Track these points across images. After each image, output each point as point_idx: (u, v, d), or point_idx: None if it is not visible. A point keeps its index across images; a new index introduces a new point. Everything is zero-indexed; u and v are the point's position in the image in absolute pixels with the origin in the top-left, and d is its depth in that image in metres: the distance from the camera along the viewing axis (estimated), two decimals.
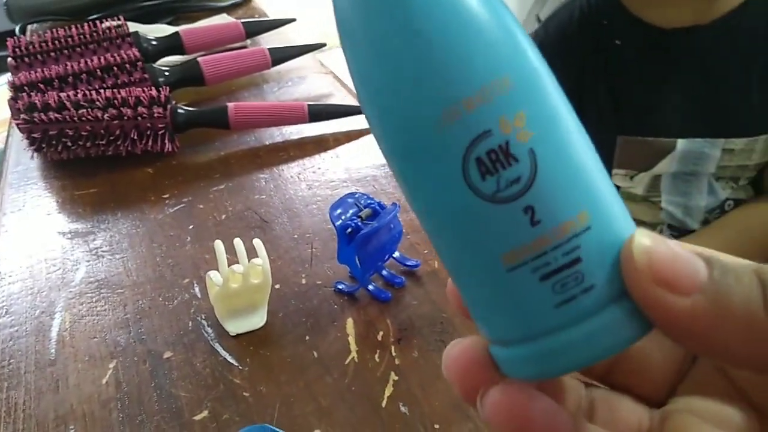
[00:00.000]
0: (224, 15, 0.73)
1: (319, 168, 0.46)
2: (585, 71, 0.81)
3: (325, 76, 0.59)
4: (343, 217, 0.32)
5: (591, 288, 0.13)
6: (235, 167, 0.47)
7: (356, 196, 0.33)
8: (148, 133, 0.46)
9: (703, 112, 0.79)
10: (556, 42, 0.84)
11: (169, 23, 0.75)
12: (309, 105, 0.48)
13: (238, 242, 0.33)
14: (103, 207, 0.44)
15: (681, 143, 0.80)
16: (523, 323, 0.14)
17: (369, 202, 0.32)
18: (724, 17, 0.76)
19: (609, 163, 0.84)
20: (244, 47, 0.61)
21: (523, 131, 0.13)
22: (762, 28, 0.76)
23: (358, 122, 0.51)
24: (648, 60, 0.79)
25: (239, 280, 0.32)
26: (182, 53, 0.59)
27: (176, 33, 0.58)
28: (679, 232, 0.85)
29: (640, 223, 0.86)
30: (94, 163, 0.48)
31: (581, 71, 0.82)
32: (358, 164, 0.46)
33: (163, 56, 0.58)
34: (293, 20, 0.63)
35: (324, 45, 0.58)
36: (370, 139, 0.49)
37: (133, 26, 0.71)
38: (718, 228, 0.82)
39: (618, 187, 0.85)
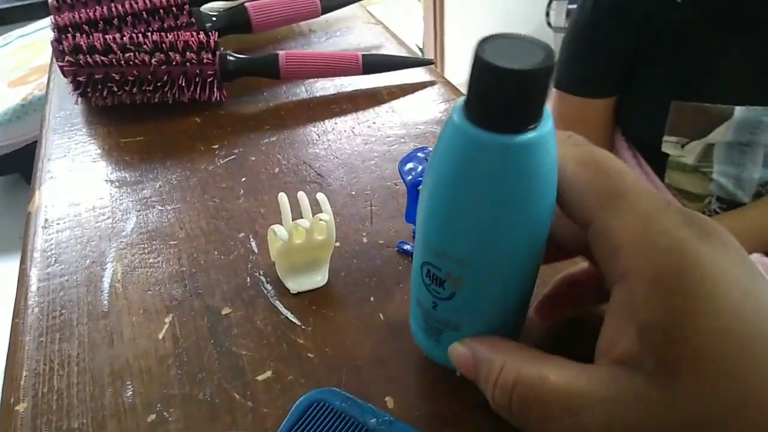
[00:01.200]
0: None
1: (374, 123, 0.44)
2: (641, 32, 0.77)
3: (375, 26, 0.56)
4: (412, 174, 0.30)
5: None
6: (286, 119, 0.45)
7: (426, 151, 0.31)
8: (197, 80, 0.44)
9: (765, 78, 0.74)
10: (613, 1, 0.79)
11: None
12: (363, 55, 0.46)
13: (302, 196, 0.31)
14: (151, 156, 0.42)
15: (739, 110, 0.76)
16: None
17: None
18: None
19: (660, 130, 0.80)
20: None
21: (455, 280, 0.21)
22: None
23: (412, 75, 0.48)
24: (710, 20, 0.75)
25: (303, 236, 0.30)
26: None
27: None
28: (728, 204, 0.82)
29: (687, 194, 0.83)
30: (140, 110, 0.46)
31: (638, 32, 0.78)
32: (416, 119, 0.44)
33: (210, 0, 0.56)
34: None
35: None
36: (425, 93, 0.47)
37: None
38: (764, 205, 0.79)
39: (667, 155, 0.82)
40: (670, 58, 0.77)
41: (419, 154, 0.31)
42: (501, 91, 0.17)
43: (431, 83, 0.48)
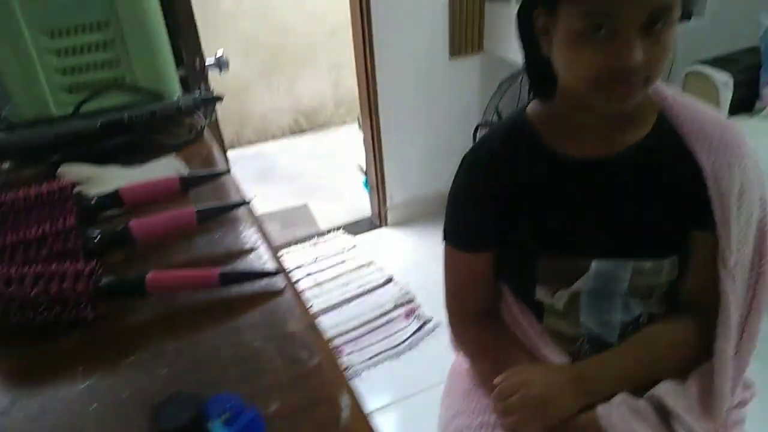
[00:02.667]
0: (172, 156, 0.81)
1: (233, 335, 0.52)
2: (509, 195, 0.88)
3: (250, 228, 0.66)
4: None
5: None
6: (152, 334, 0.53)
7: (222, 398, 0.38)
8: (71, 305, 0.52)
9: (613, 235, 0.86)
10: (483, 167, 0.91)
11: (124, 163, 0.82)
12: (221, 273, 0.54)
13: None
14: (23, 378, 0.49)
15: (595, 263, 0.86)
16: None
17: (232, 404, 0.37)
18: (628, 151, 0.84)
19: (532, 280, 0.90)
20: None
21: None
22: (663, 162, 0.84)
23: (268, 284, 0.56)
24: (562, 187, 0.86)
25: None
26: (121, 206, 0.66)
27: (116, 191, 0.65)
28: (597, 345, 0.91)
29: (562, 336, 0.92)
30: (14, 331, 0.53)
31: (506, 195, 0.89)
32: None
33: (103, 212, 0.65)
34: (227, 172, 0.70)
35: (247, 202, 0.65)
36: (276, 303, 0.55)
37: (85, 170, 0.79)
38: (631, 346, 0.87)
39: (542, 303, 0.91)
40: (535, 218, 0.88)
41: (218, 400, 0.38)
42: None
43: (280, 292, 0.56)
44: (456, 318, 0.98)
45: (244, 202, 0.66)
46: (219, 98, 0.94)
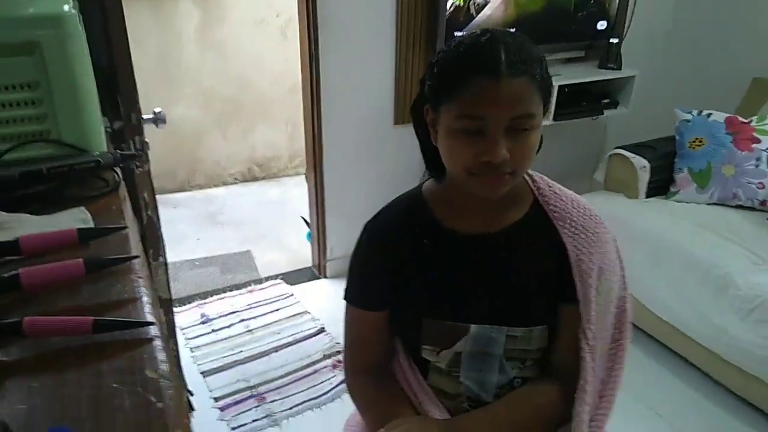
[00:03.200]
0: (81, 208, 0.86)
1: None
2: (402, 262, 0.97)
3: (138, 279, 0.71)
4: None
5: None
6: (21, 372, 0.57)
7: (59, 430, 0.43)
8: None
9: (490, 303, 0.95)
10: (378, 238, 1.00)
11: (35, 211, 0.86)
12: (94, 321, 0.60)
13: None
14: None
15: (473, 328, 0.95)
16: None
17: None
18: (508, 229, 0.95)
19: (418, 339, 0.97)
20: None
21: None
22: (535, 242, 0.95)
23: (139, 333, 0.61)
24: (449, 258, 0.96)
25: None
26: (19, 254, 0.71)
27: (17, 240, 0.70)
28: (476, 403, 0.98)
29: (445, 393, 0.99)
30: None
31: (399, 261, 0.97)
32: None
33: (1, 258, 0.70)
34: (125, 227, 0.76)
35: (137, 257, 0.71)
36: (143, 350, 0.60)
37: None
38: (501, 405, 0.95)
39: (428, 361, 0.98)
40: (422, 284, 0.97)
41: None
42: None
43: (149, 340, 0.61)
44: (351, 372, 1.05)
45: (134, 257, 0.72)
46: (135, 155, 1.00)
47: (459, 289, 0.95)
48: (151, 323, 0.61)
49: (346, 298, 1.03)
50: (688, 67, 3.05)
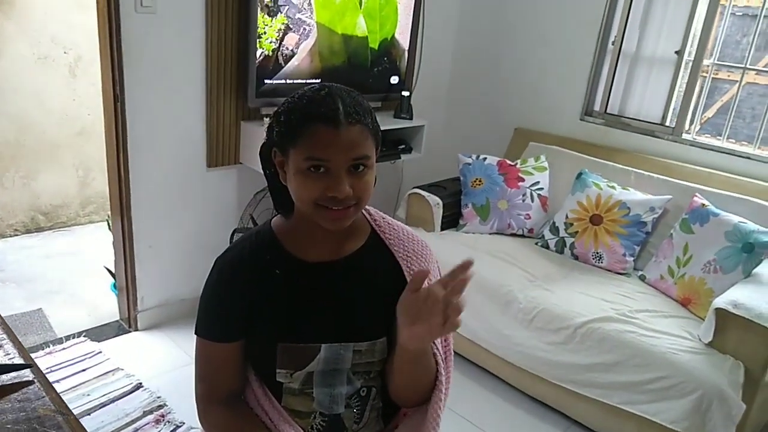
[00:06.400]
0: None
1: None
2: (254, 292, 1.03)
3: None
4: None
5: None
6: None
7: None
8: None
9: (337, 323, 1.05)
10: (230, 272, 1.05)
11: None
12: None
13: None
14: None
15: (324, 348, 1.04)
16: None
17: None
18: (349, 256, 1.07)
19: (273, 364, 1.03)
20: None
21: None
22: (374, 266, 1.08)
23: (18, 376, 0.60)
24: (299, 284, 1.04)
25: None
26: None
27: None
28: (328, 416, 1.07)
29: (298, 413, 1.06)
30: None
31: (252, 292, 1.03)
32: None
33: None
34: (30, 365, 0.69)
35: (30, 366, 0.66)
36: (22, 393, 0.59)
37: None
38: None
39: (281, 384, 1.04)
40: (274, 312, 1.03)
41: None
42: None
43: (30, 382, 0.60)
44: (204, 402, 1.07)
45: (28, 365, 0.67)
46: None
47: (310, 312, 1.04)
48: (30, 365, 0.60)
49: (197, 332, 1.05)
50: (467, 117, 3.56)
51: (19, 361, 0.61)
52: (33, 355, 2.32)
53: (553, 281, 2.39)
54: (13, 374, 0.59)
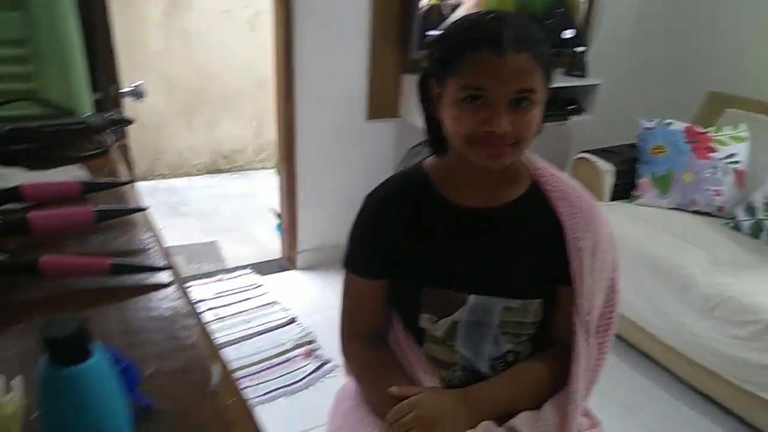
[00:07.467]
0: (76, 166, 0.83)
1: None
2: (403, 232, 0.98)
3: (146, 232, 0.69)
4: None
5: None
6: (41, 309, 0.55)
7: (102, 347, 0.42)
8: None
9: (487, 275, 0.96)
10: (380, 208, 1.01)
11: (28, 167, 0.83)
12: (112, 263, 0.58)
13: None
14: None
15: (472, 298, 0.96)
16: None
17: (111, 354, 0.41)
18: (507, 204, 0.97)
19: (417, 308, 0.98)
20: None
21: None
22: (533, 219, 0.97)
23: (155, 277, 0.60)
24: (450, 229, 0.97)
25: None
26: (22, 201, 0.68)
27: (17, 187, 0.67)
28: (469, 372, 0.99)
29: (439, 362, 1.00)
30: None
31: (401, 232, 0.98)
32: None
33: (3, 205, 0.67)
34: (131, 181, 0.74)
35: (146, 208, 0.69)
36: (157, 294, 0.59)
37: None
38: (506, 378, 0.97)
39: (424, 329, 0.99)
40: (422, 254, 0.98)
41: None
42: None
43: (167, 285, 0.60)
44: (348, 337, 1.06)
45: (142, 209, 0.70)
46: (129, 121, 0.98)
47: (459, 259, 0.96)
48: (168, 267, 0.60)
49: (345, 265, 1.03)
50: (648, 78, 3.18)
51: (160, 263, 0.61)
52: (206, 281, 2.58)
53: (742, 268, 2.05)
54: (151, 275, 0.59)
